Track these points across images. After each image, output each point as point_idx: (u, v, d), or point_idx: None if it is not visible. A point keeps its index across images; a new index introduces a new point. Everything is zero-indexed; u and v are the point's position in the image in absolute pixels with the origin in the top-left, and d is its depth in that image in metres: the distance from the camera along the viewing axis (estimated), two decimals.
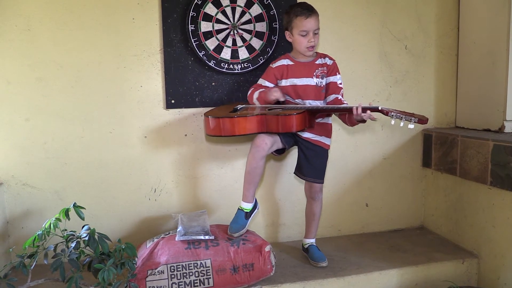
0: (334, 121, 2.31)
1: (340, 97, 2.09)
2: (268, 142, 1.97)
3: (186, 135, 2.33)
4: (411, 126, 1.71)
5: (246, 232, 2.08)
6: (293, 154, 2.44)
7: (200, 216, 2.14)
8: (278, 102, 2.11)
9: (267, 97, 2.07)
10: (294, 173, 2.22)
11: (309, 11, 2.02)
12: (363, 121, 1.89)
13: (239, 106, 2.14)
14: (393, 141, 2.63)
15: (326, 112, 2.07)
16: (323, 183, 2.18)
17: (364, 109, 1.85)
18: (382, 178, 2.64)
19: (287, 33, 2.11)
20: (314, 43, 2.04)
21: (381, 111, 1.80)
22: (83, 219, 1.73)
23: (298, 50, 2.10)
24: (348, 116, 1.98)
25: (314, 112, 2.00)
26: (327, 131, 2.16)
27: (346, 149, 2.57)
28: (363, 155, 2.60)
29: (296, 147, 2.19)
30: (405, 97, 2.61)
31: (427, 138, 2.61)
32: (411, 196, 2.70)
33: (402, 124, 1.74)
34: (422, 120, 1.70)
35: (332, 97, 2.10)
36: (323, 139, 2.15)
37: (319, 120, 2.13)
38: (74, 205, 1.76)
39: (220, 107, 2.23)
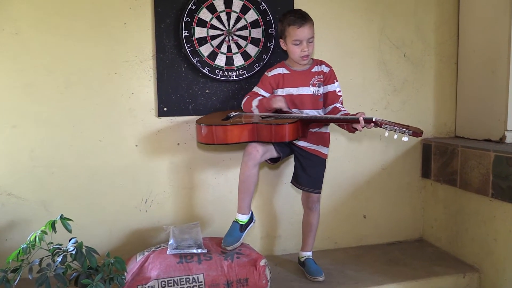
0: (332, 130, 2.31)
1: (338, 105, 2.09)
2: (259, 150, 1.96)
3: (178, 144, 2.31)
4: (405, 139, 1.69)
5: (241, 246, 2.05)
6: (290, 164, 2.42)
7: (192, 228, 2.11)
8: (276, 110, 2.11)
9: (270, 105, 2.04)
10: (291, 182, 2.21)
11: (302, 20, 2.00)
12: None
13: (232, 114, 2.14)
14: (391, 151, 2.62)
15: (320, 122, 2.07)
16: (320, 193, 2.18)
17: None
18: (380, 189, 2.63)
19: (281, 41, 2.11)
20: (308, 52, 2.04)
21: (375, 122, 1.79)
22: (70, 231, 1.70)
23: (293, 59, 2.10)
24: (346, 124, 1.97)
25: (307, 122, 1.99)
26: (324, 140, 2.15)
27: (343, 158, 2.55)
28: (361, 165, 2.59)
29: (293, 155, 2.18)
30: (403, 106, 2.62)
31: (426, 148, 2.60)
32: (410, 207, 2.69)
33: (396, 136, 1.74)
34: (416, 133, 1.68)
35: (331, 107, 2.10)
36: (319, 148, 2.14)
37: (315, 129, 2.12)
38: (61, 217, 1.73)
39: (212, 114, 2.22)
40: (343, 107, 2.09)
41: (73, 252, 1.64)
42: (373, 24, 2.52)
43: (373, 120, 1.79)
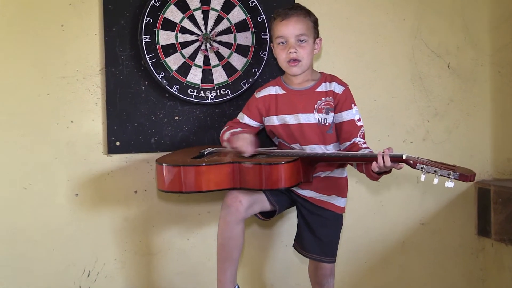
0: (349, 172, 2.23)
1: (358, 139, 2.02)
2: (244, 201, 1.90)
3: (136, 191, 2.30)
4: (449, 184, 1.65)
5: None
6: (290, 218, 2.41)
7: None
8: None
9: (232, 143, 2.02)
10: (293, 246, 2.18)
11: (288, 10, 2.04)
12: (387, 172, 1.84)
13: (207, 150, 2.11)
14: (434, 200, 2.61)
15: (329, 162, 2.04)
16: (334, 262, 2.12)
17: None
18: (420, 252, 2.61)
19: (272, 47, 2.14)
20: (298, 56, 2.02)
21: (406, 161, 1.75)
22: None
23: (282, 68, 2.09)
24: (365, 166, 1.92)
25: (312, 161, 1.95)
26: (339, 188, 2.11)
27: (366, 211, 2.54)
28: (392, 220, 2.58)
29: (295, 207, 2.16)
30: (449, 136, 2.61)
31: (483, 195, 2.57)
32: (463, 278, 2.67)
33: (436, 181, 1.68)
34: (465, 175, 1.63)
35: (347, 144, 2.04)
36: (333, 200, 2.08)
37: (326, 173, 2.08)
38: None
39: (177, 152, 2.20)
40: (364, 142, 2.03)
41: None
42: (405, 24, 2.54)
43: (403, 157, 1.74)
